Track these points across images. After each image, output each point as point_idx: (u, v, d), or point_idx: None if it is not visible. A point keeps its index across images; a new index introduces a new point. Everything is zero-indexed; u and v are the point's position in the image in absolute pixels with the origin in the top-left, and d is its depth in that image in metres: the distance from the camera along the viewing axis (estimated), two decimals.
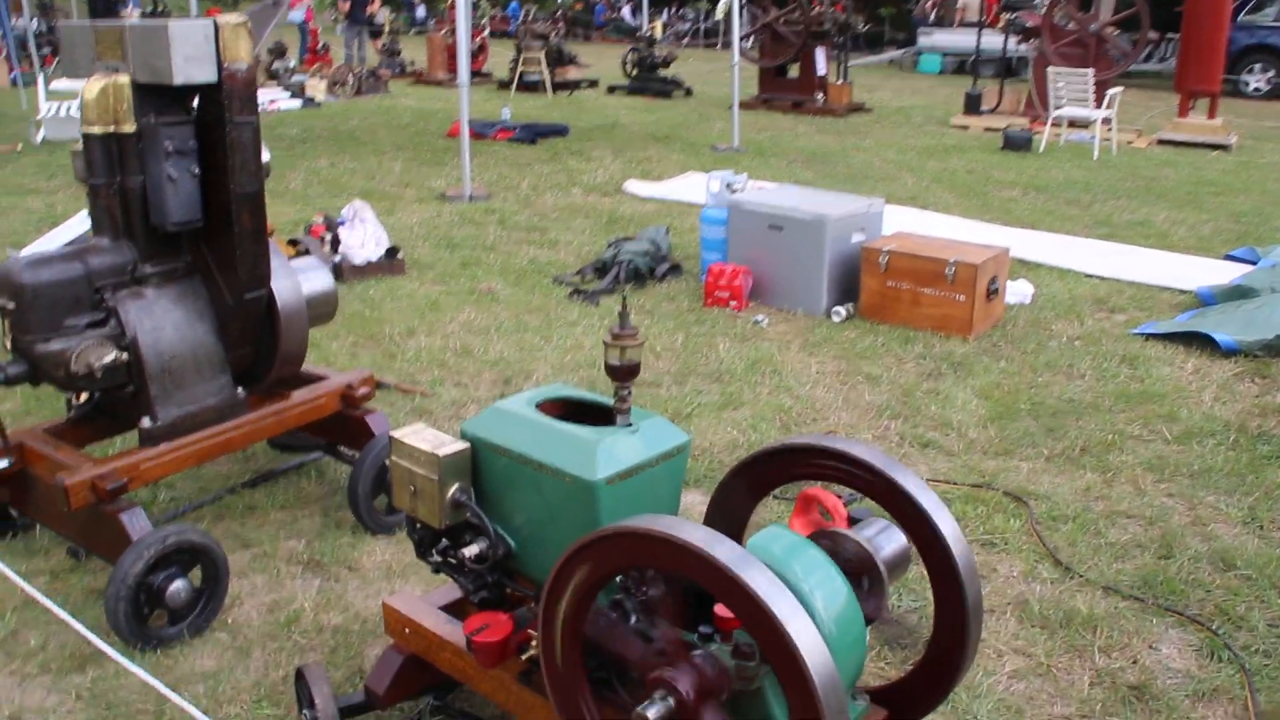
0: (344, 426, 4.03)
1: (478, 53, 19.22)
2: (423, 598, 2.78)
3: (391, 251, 7.26)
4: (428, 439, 2.48)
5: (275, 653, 3.22)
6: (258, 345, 3.78)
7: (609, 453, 2.26)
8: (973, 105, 14.41)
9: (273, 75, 17.22)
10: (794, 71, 15.52)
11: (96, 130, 3.38)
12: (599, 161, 11.52)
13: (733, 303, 6.51)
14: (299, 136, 12.94)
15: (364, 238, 7.19)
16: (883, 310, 6.22)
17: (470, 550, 2.44)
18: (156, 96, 3.35)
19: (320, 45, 20.18)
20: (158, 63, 3.24)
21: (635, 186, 10.09)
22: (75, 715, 2.97)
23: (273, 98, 15.58)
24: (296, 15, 21.82)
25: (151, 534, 3.20)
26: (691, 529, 1.92)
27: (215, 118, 3.37)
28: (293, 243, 6.42)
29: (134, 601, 3.14)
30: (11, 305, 3.29)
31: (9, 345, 3.34)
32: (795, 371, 5.53)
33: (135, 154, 3.40)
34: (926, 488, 2.35)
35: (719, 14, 15.84)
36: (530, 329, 6.18)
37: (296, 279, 3.80)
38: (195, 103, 3.45)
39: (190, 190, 3.43)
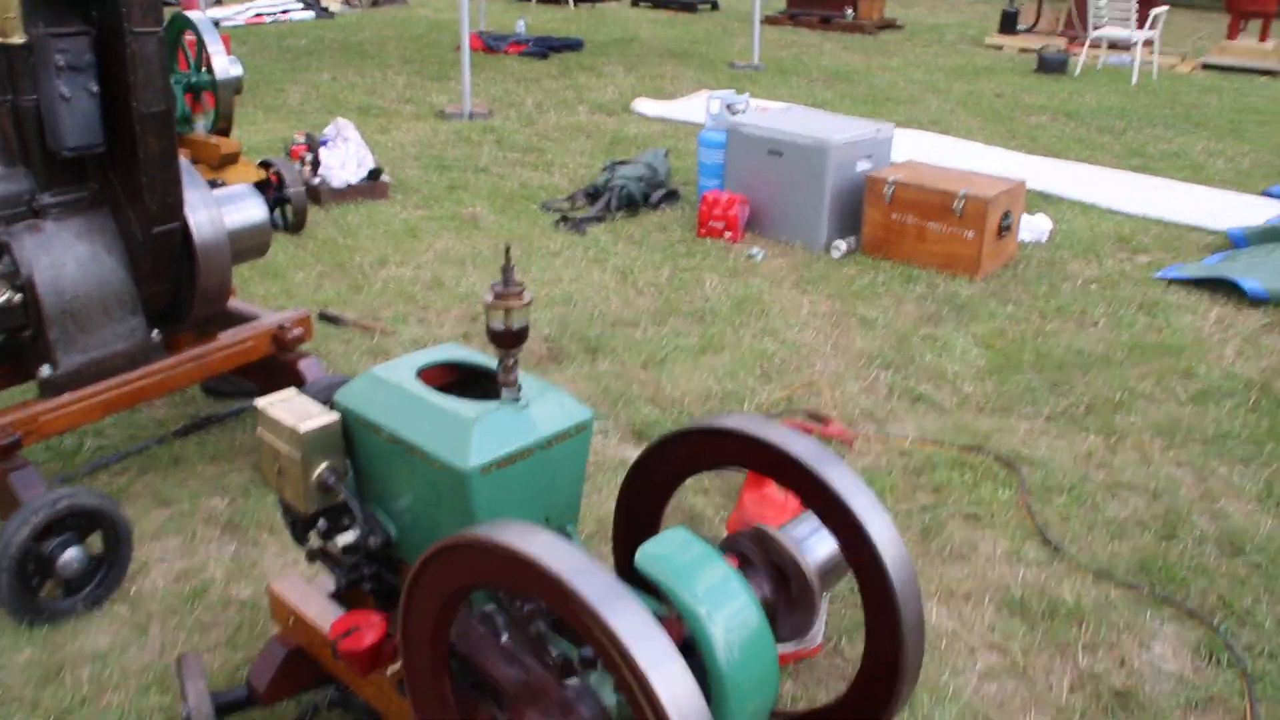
0: (275, 372, 3.72)
1: None
2: (313, 583, 2.49)
3: (374, 173, 6.90)
4: (295, 410, 2.16)
5: (174, 630, 2.95)
6: (177, 283, 3.47)
7: (487, 435, 1.94)
8: (1009, 24, 13.69)
9: None
10: None
11: None
12: (610, 78, 11.03)
13: (727, 234, 6.13)
14: (305, 49, 12.49)
15: (344, 158, 6.83)
16: (886, 246, 5.81)
17: (342, 539, 2.13)
18: (47, 3, 2.99)
19: None
20: None
21: (644, 105, 9.63)
22: None
23: (285, 7, 15.08)
24: None
25: (40, 497, 2.92)
26: (546, 545, 1.60)
27: (116, 29, 3.01)
28: (264, 164, 6.09)
29: (19, 572, 2.87)
30: None
31: None
32: (784, 312, 5.17)
33: (27, 70, 3.05)
34: (861, 486, 2.01)
35: None
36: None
37: (217, 210, 3.46)
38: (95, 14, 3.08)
39: (88, 110, 3.09)
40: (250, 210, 3.69)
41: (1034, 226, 6.25)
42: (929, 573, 3.29)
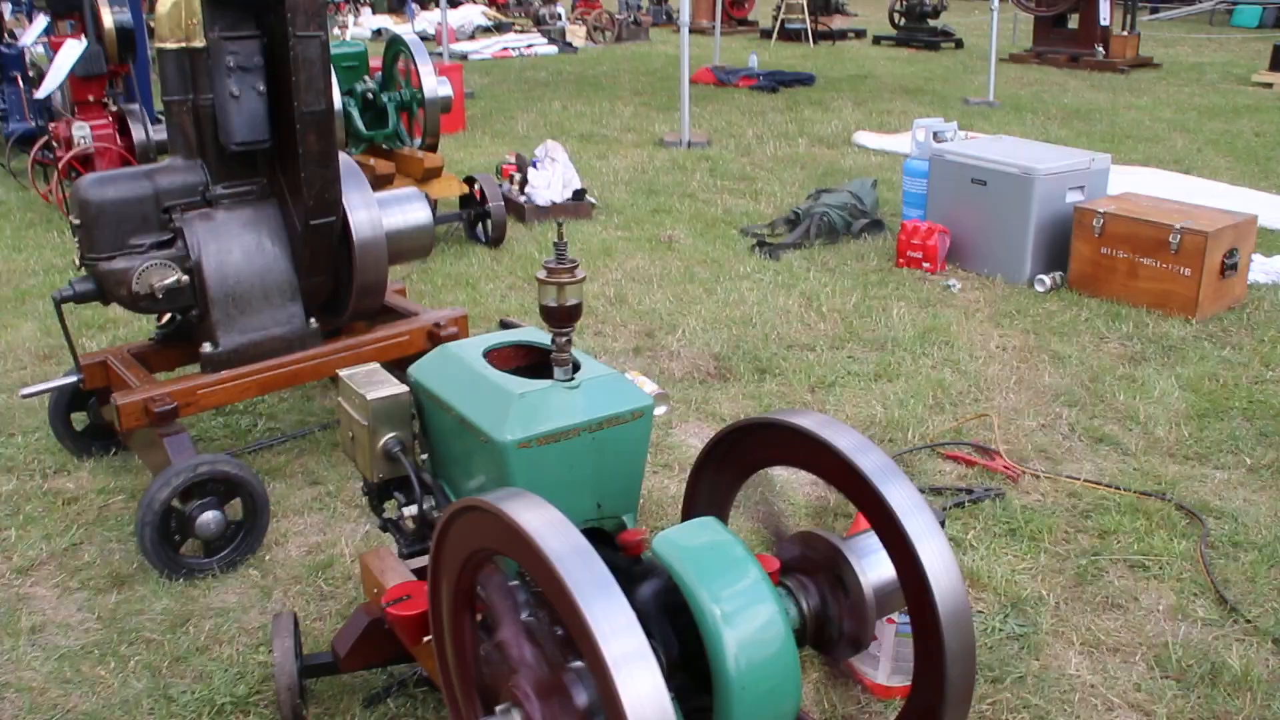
0: None
1: (743, 0, 18.77)
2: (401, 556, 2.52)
3: (579, 194, 7.06)
4: (370, 380, 2.20)
5: (296, 596, 3.08)
6: (336, 277, 3.64)
7: (528, 410, 1.91)
8: None
9: (538, 21, 17.45)
10: (1074, 22, 14.11)
11: (170, 46, 3.30)
12: (836, 112, 10.89)
13: (925, 264, 5.89)
14: (542, 80, 13.00)
15: (550, 178, 7.02)
16: (1095, 282, 5.42)
17: (407, 510, 2.15)
18: (225, 10, 3.23)
19: None
20: None
21: (865, 138, 9.44)
22: (89, 633, 2.95)
23: (530, 42, 15.78)
24: None
25: (184, 461, 3.11)
26: (542, 521, 1.54)
27: (283, 33, 3.20)
28: (468, 180, 6.34)
29: (161, 528, 3.08)
30: (78, 222, 3.28)
31: (78, 262, 3.34)
32: (971, 344, 4.90)
33: (205, 72, 3.30)
34: (920, 506, 1.84)
35: None
36: (697, 280, 5.82)
37: (377, 210, 3.61)
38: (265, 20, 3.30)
39: (255, 109, 3.30)
40: (413, 212, 3.83)
41: (1272, 269, 5.68)
42: (1076, 620, 3.00)
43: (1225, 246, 5.07)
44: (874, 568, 1.94)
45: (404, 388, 2.18)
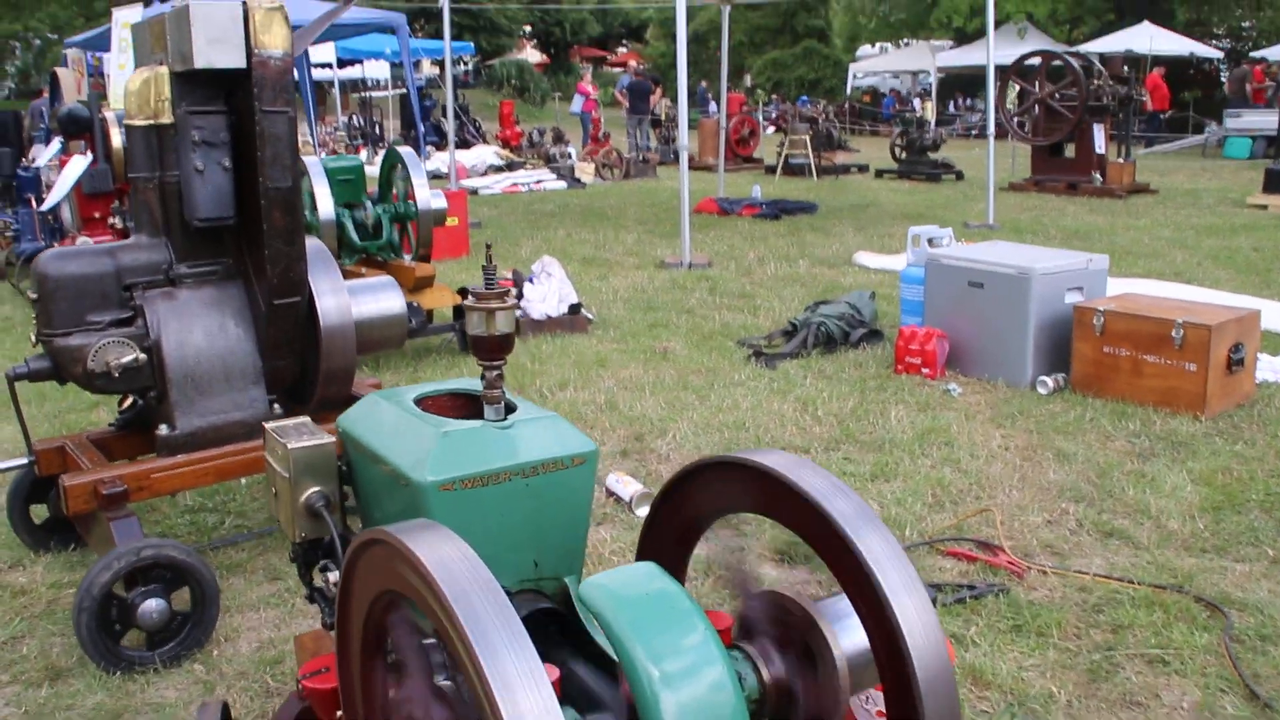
0: None
1: (749, 138, 19.14)
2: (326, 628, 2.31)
3: (574, 308, 6.99)
4: (295, 431, 2.04)
5: (240, 691, 2.86)
6: (303, 361, 3.51)
7: (454, 450, 1.74)
8: (1275, 183, 12.61)
9: (548, 159, 17.80)
10: (1071, 151, 14.28)
11: (138, 122, 3.26)
12: (838, 237, 10.91)
13: (924, 370, 5.74)
14: (549, 211, 13.15)
15: (546, 293, 6.96)
16: (1099, 382, 5.26)
17: (333, 575, 1.96)
18: (191, 86, 3.18)
19: (602, 133, 20.78)
20: (185, 48, 3.07)
21: (865, 258, 9.42)
22: None
23: (539, 178, 16.03)
24: (575, 107, 22.67)
25: (127, 545, 2.93)
26: (442, 553, 1.36)
27: (249, 108, 3.15)
28: (461, 291, 6.28)
29: (100, 616, 2.88)
30: (35, 296, 3.18)
31: (34, 339, 3.22)
32: (972, 444, 4.71)
33: (172, 148, 3.24)
34: (897, 558, 1.62)
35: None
36: (690, 388, 5.68)
37: (345, 297, 3.51)
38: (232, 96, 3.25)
39: (220, 184, 3.23)
40: (384, 300, 3.73)
41: (1277, 367, 5.51)
42: (1090, 718, 2.75)
43: (1230, 340, 4.92)
44: (851, 634, 1.72)
45: (329, 438, 2.03)
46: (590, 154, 19.32)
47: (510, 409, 1.88)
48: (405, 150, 6.33)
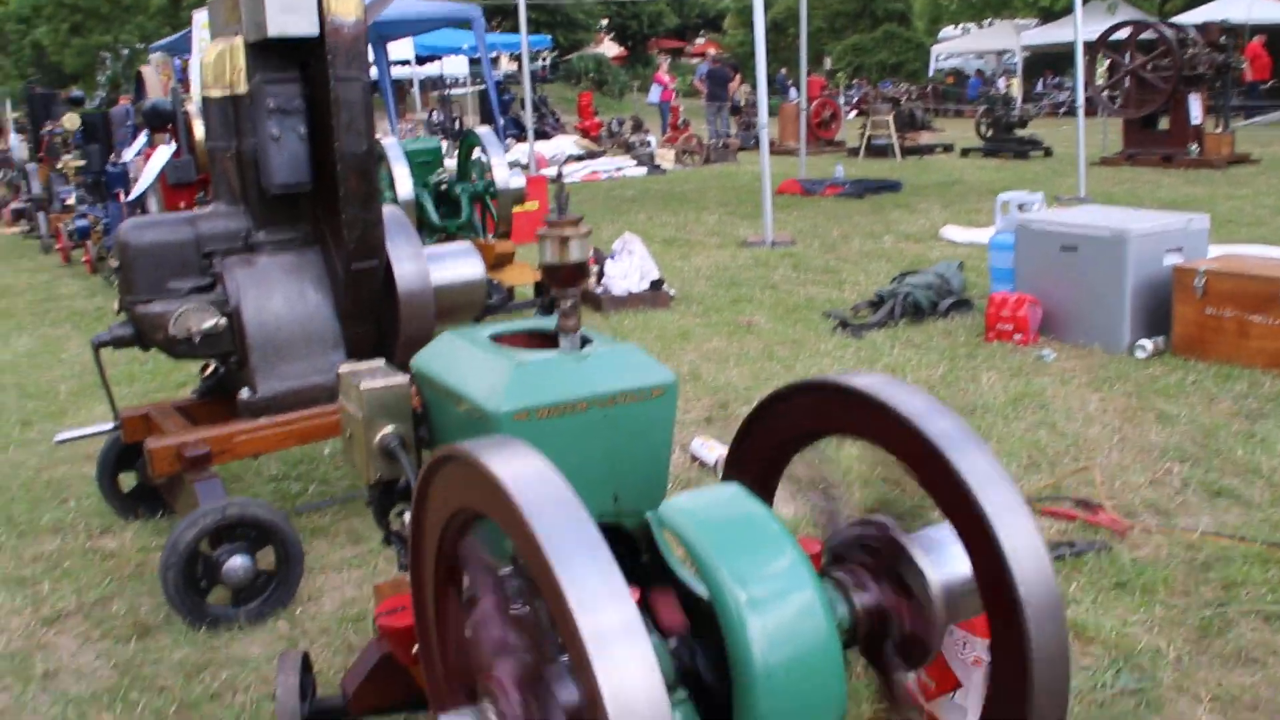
0: None
1: (830, 121, 18.89)
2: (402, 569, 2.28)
3: (656, 284, 6.93)
4: (370, 373, 2.01)
5: (323, 648, 2.86)
6: (381, 327, 3.50)
7: (528, 380, 1.69)
8: None
9: (628, 147, 17.78)
10: (1165, 124, 13.76)
11: (214, 94, 3.28)
12: (923, 213, 10.68)
13: (1016, 336, 5.56)
14: (630, 197, 13.11)
15: (628, 269, 6.92)
16: (1201, 344, 5.03)
17: (409, 516, 1.92)
18: (265, 55, 3.20)
19: (681, 120, 20.68)
20: (259, 17, 3.07)
21: (952, 232, 9.20)
22: (102, 680, 2.77)
23: (619, 165, 16.01)
24: (653, 97, 22.61)
25: (213, 503, 2.95)
26: (522, 468, 1.30)
27: (324, 76, 3.15)
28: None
29: (186, 572, 2.91)
30: (117, 264, 3.22)
31: (117, 307, 3.27)
32: (1068, 408, 4.54)
33: (248, 116, 3.26)
34: (1000, 478, 1.52)
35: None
36: (775, 358, 5.58)
37: (423, 263, 3.49)
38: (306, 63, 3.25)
39: (296, 151, 3.24)
40: (463, 267, 3.71)
41: None
42: (1203, 675, 2.61)
43: None
44: (944, 564, 1.63)
45: (403, 377, 1.99)
46: (669, 141, 19.26)
47: (586, 342, 1.83)
48: (483, 130, 6.35)
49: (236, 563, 2.93)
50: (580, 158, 17.68)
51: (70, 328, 7.18)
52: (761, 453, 1.86)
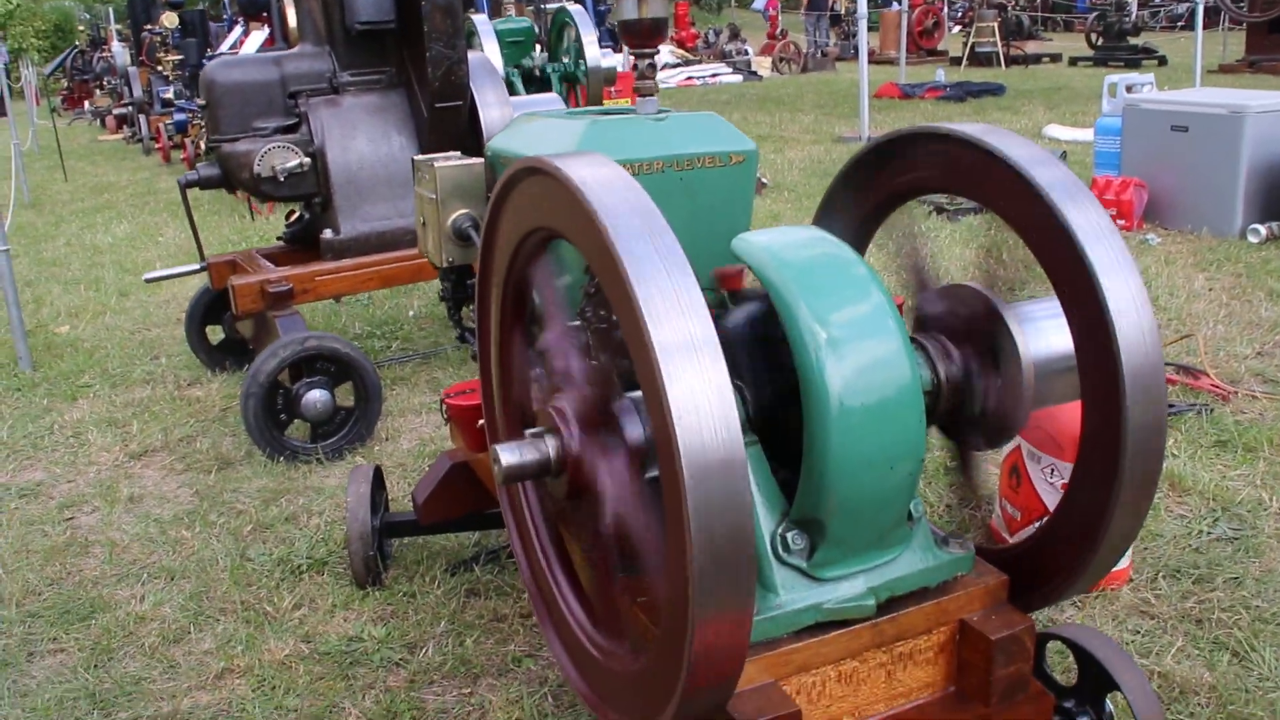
0: None
1: (933, 30, 18.25)
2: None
3: None
4: (446, 157, 1.96)
5: (398, 479, 2.87)
6: None
7: (601, 137, 1.62)
8: None
9: (723, 55, 17.44)
10: None
11: None
12: (1027, 115, 10.28)
13: (1120, 221, 5.31)
14: (725, 100, 12.88)
15: None
16: None
17: None
18: None
19: (779, 30, 20.18)
20: None
21: (1055, 130, 8.83)
22: (182, 504, 2.82)
23: (715, 72, 15.72)
24: (758, 3, 22.06)
25: (292, 335, 2.96)
26: (602, 176, 1.20)
27: None
28: None
29: (266, 403, 2.93)
30: (204, 103, 3.22)
31: (203, 146, 3.27)
32: (1172, 285, 4.33)
33: None
34: (1110, 232, 1.40)
35: None
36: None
37: (509, 110, 3.43)
38: None
39: None
40: None
41: None
42: None
43: None
44: (1040, 338, 1.52)
45: (478, 160, 1.93)
46: (766, 50, 18.84)
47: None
48: (575, 9, 6.21)
49: (315, 396, 2.95)
50: (675, 65, 17.40)
51: (168, 216, 7.31)
52: (854, 207, 1.76)
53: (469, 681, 2.01)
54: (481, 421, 1.68)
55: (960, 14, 25.91)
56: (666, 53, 18.40)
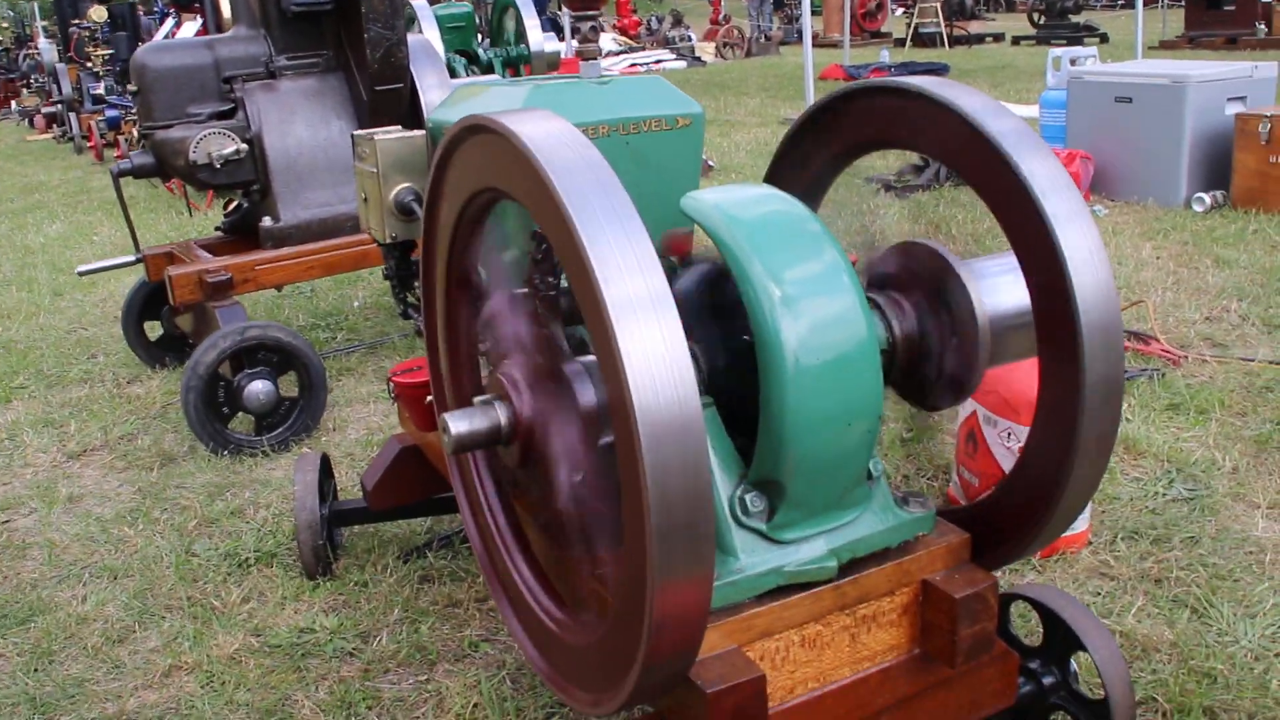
0: None
1: (876, 11, 18.34)
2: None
3: None
4: (386, 131, 1.90)
5: (346, 470, 2.80)
6: None
7: (543, 102, 1.57)
8: None
9: (667, 42, 17.39)
10: (1231, 4, 13.14)
11: None
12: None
13: None
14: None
15: None
16: (1264, 196, 4.81)
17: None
18: None
19: (722, 16, 20.16)
20: None
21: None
22: (125, 502, 2.74)
23: (658, 57, 15.68)
24: None
25: (231, 325, 2.88)
26: (547, 131, 1.15)
27: None
28: None
29: (207, 395, 2.85)
30: (135, 89, 3.12)
31: (136, 134, 3.17)
32: (1120, 255, 4.36)
33: None
34: (1065, 186, 1.37)
35: None
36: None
37: (449, 92, 3.36)
38: None
39: None
40: None
41: None
42: (1261, 484, 2.49)
43: None
44: (995, 293, 1.49)
45: (419, 133, 1.88)
46: (710, 36, 18.81)
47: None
48: None
49: (258, 387, 2.87)
50: (618, 53, 17.32)
51: (102, 215, 7.14)
52: (806, 164, 1.72)
53: (425, 668, 1.96)
54: (430, 398, 1.62)
55: None
56: (609, 40, 18.33)
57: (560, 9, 15.51)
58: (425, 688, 1.90)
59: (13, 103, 16.27)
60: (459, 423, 1.24)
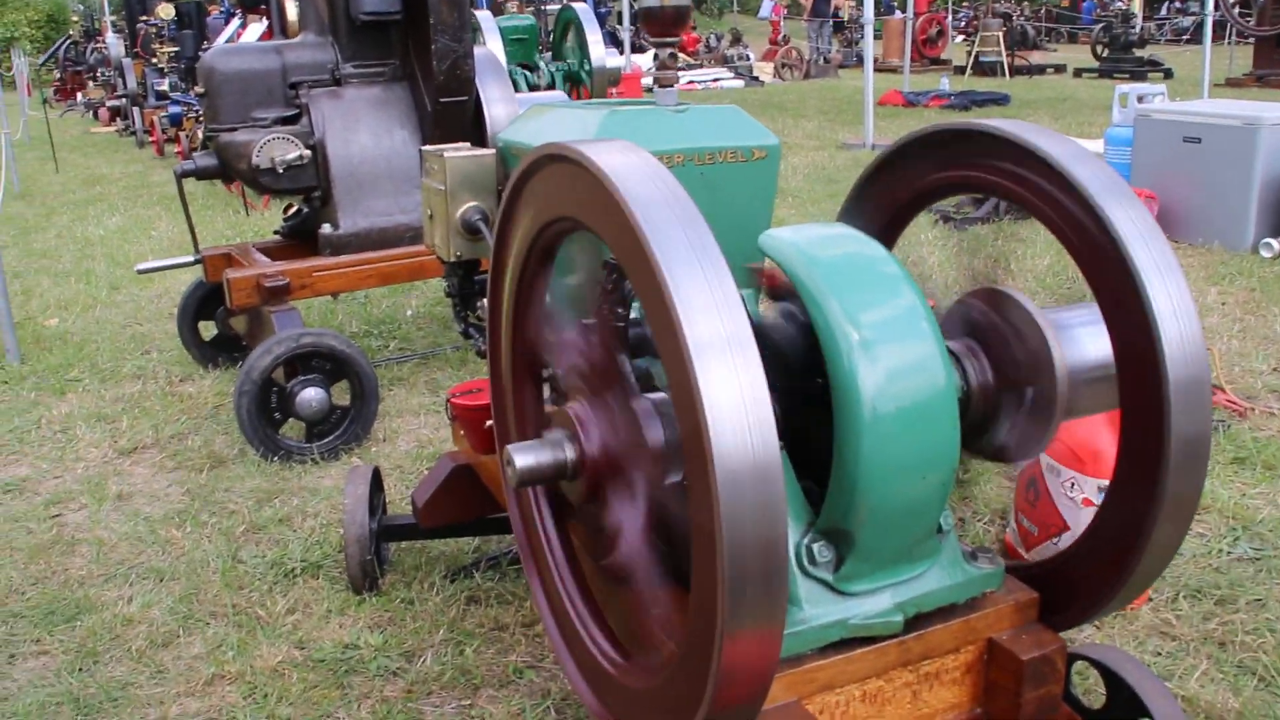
0: None
1: (936, 38, 18.22)
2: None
3: None
4: (456, 149, 1.88)
5: (395, 482, 2.79)
6: None
7: (618, 129, 1.55)
8: None
9: (725, 60, 17.39)
10: None
11: None
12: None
13: None
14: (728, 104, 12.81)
15: None
16: None
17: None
18: None
19: (781, 36, 20.13)
20: None
21: None
22: (173, 503, 2.74)
23: (716, 76, 15.66)
24: (765, 11, 22.04)
25: (287, 331, 2.88)
26: (628, 163, 1.12)
27: None
28: None
29: (260, 400, 2.85)
30: (202, 90, 3.14)
31: (201, 136, 3.19)
32: None
33: None
34: (1154, 234, 1.33)
35: None
36: None
37: (514, 106, 3.35)
38: None
39: None
40: None
41: None
42: None
43: None
44: (1076, 345, 1.44)
45: (490, 151, 1.86)
46: (768, 56, 18.79)
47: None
48: (580, 7, 6.15)
49: (310, 394, 2.87)
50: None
51: (161, 210, 7.23)
52: (882, 205, 1.68)
53: (469, 693, 1.93)
54: (490, 422, 1.60)
55: (964, 23, 25.93)
56: None
57: (620, 23, 15.55)
58: (469, 713, 1.88)
59: (79, 95, 16.55)
60: (524, 457, 1.22)
